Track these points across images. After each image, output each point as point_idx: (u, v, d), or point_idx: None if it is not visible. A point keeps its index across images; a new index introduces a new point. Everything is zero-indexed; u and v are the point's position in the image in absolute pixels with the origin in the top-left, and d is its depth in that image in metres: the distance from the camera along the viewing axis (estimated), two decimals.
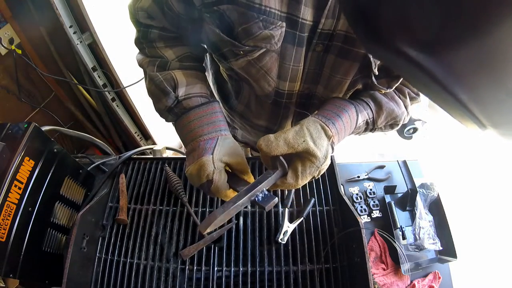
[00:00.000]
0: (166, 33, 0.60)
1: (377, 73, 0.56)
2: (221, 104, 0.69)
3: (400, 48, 0.19)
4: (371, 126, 0.66)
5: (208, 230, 0.45)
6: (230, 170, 0.56)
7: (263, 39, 0.51)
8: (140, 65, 0.65)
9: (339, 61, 0.55)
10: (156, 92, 0.60)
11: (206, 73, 0.70)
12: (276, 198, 0.49)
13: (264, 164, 0.55)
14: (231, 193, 0.55)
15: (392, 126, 0.70)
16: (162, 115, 0.63)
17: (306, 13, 0.49)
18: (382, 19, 0.20)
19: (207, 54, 0.75)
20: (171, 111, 0.60)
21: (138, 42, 0.63)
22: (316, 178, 0.54)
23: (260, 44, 0.52)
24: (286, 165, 0.51)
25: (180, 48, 0.62)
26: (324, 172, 0.78)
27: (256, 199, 0.48)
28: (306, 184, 0.77)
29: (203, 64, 0.69)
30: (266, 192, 0.49)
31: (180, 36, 0.62)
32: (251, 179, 0.56)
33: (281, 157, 0.51)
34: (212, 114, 0.58)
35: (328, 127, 0.53)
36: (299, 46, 0.53)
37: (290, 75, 0.58)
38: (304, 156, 0.51)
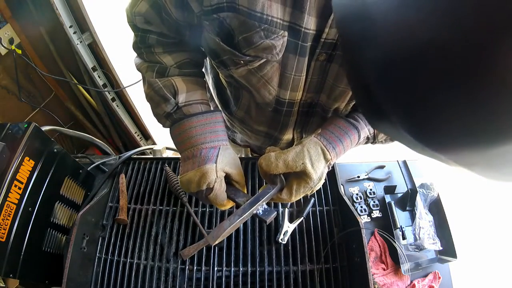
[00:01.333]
0: (164, 38, 0.59)
1: None
2: (223, 113, 0.69)
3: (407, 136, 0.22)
4: (371, 140, 0.66)
5: (217, 242, 0.49)
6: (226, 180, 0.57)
7: (264, 49, 0.50)
8: (138, 69, 0.65)
9: (342, 70, 0.54)
10: (156, 98, 0.60)
11: (206, 77, 0.70)
12: (276, 212, 0.53)
13: (263, 178, 0.58)
14: (228, 203, 0.57)
15: (392, 139, 0.70)
16: (159, 120, 0.63)
17: (310, 23, 0.48)
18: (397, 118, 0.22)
19: (207, 58, 0.74)
20: (170, 116, 0.60)
21: (136, 46, 0.62)
22: (309, 195, 0.57)
23: (261, 54, 0.51)
24: (284, 181, 0.56)
25: (179, 54, 0.61)
26: None
27: (257, 212, 0.53)
28: None
29: (203, 69, 0.69)
30: (266, 206, 0.54)
31: (178, 41, 0.61)
32: (245, 189, 0.59)
33: (281, 175, 0.55)
34: (215, 123, 0.58)
35: (328, 151, 0.55)
36: (301, 56, 0.52)
37: (292, 85, 0.57)
38: (300, 176, 0.54)
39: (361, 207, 0.84)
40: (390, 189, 0.86)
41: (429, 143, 0.21)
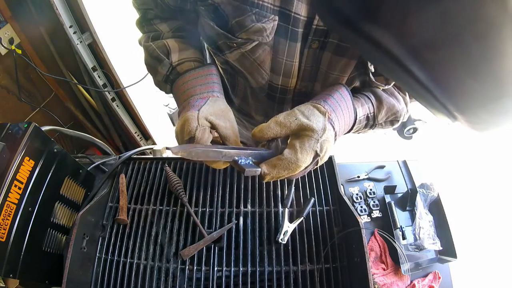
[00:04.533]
0: (161, 15, 0.64)
1: (373, 70, 0.56)
2: (219, 68, 0.69)
3: (363, 29, 0.20)
4: (371, 122, 0.65)
5: (179, 155, 0.41)
6: (220, 140, 0.54)
7: (256, 31, 0.52)
8: (140, 43, 0.68)
9: (335, 58, 0.56)
10: (152, 61, 0.62)
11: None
12: (260, 169, 0.45)
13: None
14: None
15: (392, 123, 0.69)
16: (161, 87, 0.65)
17: (300, 8, 0.50)
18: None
19: (206, 48, 0.76)
20: (168, 79, 0.62)
21: (139, 22, 0.67)
22: (321, 156, 0.49)
23: (253, 37, 0.53)
24: (279, 147, 0.48)
25: (174, 21, 0.65)
26: (324, 172, 0.79)
27: (239, 161, 0.44)
28: (305, 183, 0.78)
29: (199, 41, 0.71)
30: (251, 162, 0.46)
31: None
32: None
33: (277, 140, 0.49)
34: (207, 76, 0.59)
35: (319, 104, 0.51)
36: (292, 41, 0.54)
37: (284, 70, 0.59)
38: (301, 134, 0.47)
39: (361, 207, 0.84)
40: (390, 189, 0.86)
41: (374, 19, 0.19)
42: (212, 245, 0.70)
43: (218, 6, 0.51)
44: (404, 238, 0.78)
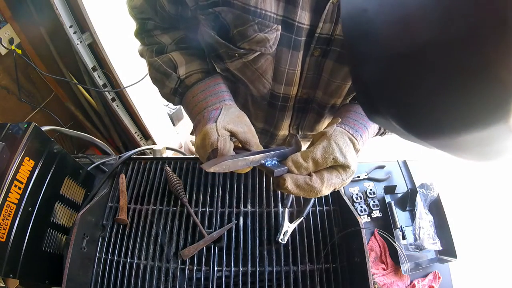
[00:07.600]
0: (160, 24, 0.62)
1: None
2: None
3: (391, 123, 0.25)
4: (382, 131, 0.65)
5: (212, 170, 0.42)
6: (239, 145, 0.54)
7: (258, 42, 0.51)
8: (141, 55, 0.67)
9: (337, 66, 0.55)
10: (158, 76, 0.61)
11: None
12: (286, 168, 0.47)
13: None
14: None
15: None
16: (169, 99, 0.64)
17: (303, 17, 0.48)
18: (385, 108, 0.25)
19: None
20: (176, 92, 0.61)
21: (137, 33, 0.65)
22: (337, 190, 0.51)
23: (255, 47, 0.52)
24: (300, 144, 0.50)
25: (175, 32, 0.63)
26: None
27: (266, 163, 0.47)
28: None
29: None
30: (277, 162, 0.48)
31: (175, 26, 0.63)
32: (260, 149, 0.53)
33: (296, 136, 0.51)
34: (215, 86, 0.58)
35: (356, 139, 0.51)
36: (295, 50, 0.53)
37: (286, 79, 0.58)
38: (333, 167, 0.49)
39: (361, 207, 0.84)
40: (390, 189, 0.86)
41: (416, 133, 0.24)
42: (212, 245, 0.70)
43: (219, 15, 0.49)
44: (404, 238, 0.78)
